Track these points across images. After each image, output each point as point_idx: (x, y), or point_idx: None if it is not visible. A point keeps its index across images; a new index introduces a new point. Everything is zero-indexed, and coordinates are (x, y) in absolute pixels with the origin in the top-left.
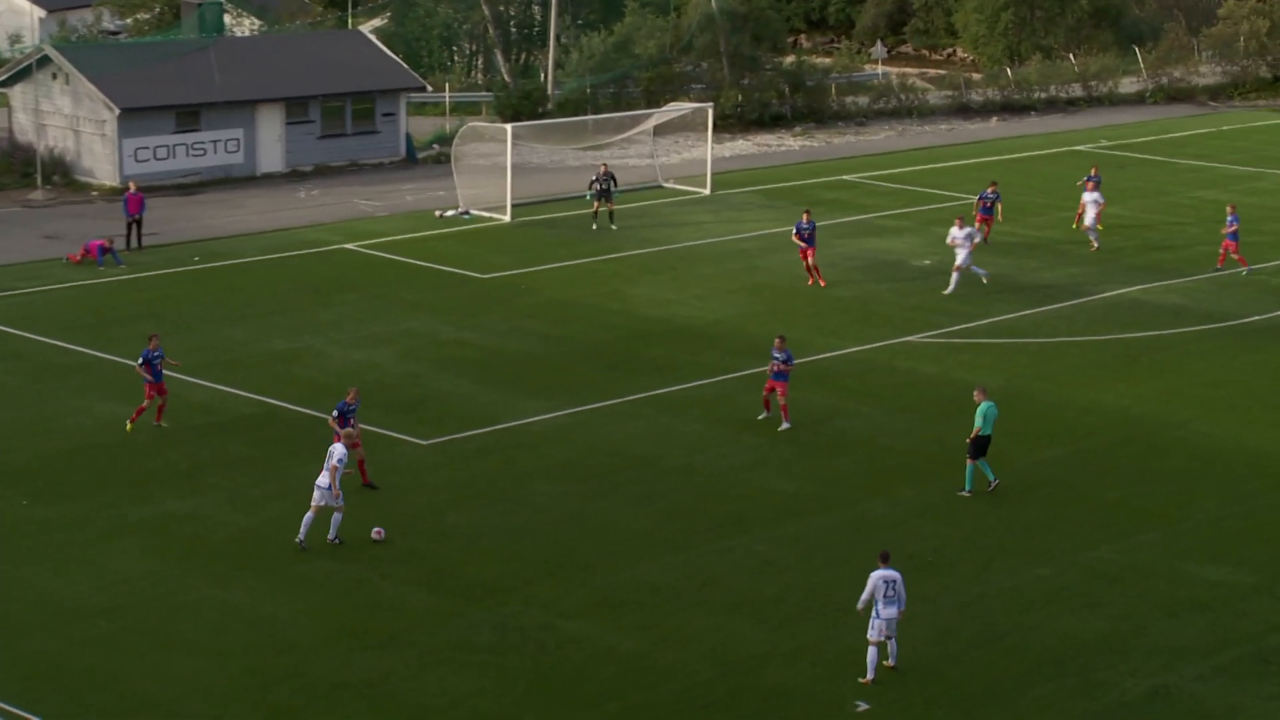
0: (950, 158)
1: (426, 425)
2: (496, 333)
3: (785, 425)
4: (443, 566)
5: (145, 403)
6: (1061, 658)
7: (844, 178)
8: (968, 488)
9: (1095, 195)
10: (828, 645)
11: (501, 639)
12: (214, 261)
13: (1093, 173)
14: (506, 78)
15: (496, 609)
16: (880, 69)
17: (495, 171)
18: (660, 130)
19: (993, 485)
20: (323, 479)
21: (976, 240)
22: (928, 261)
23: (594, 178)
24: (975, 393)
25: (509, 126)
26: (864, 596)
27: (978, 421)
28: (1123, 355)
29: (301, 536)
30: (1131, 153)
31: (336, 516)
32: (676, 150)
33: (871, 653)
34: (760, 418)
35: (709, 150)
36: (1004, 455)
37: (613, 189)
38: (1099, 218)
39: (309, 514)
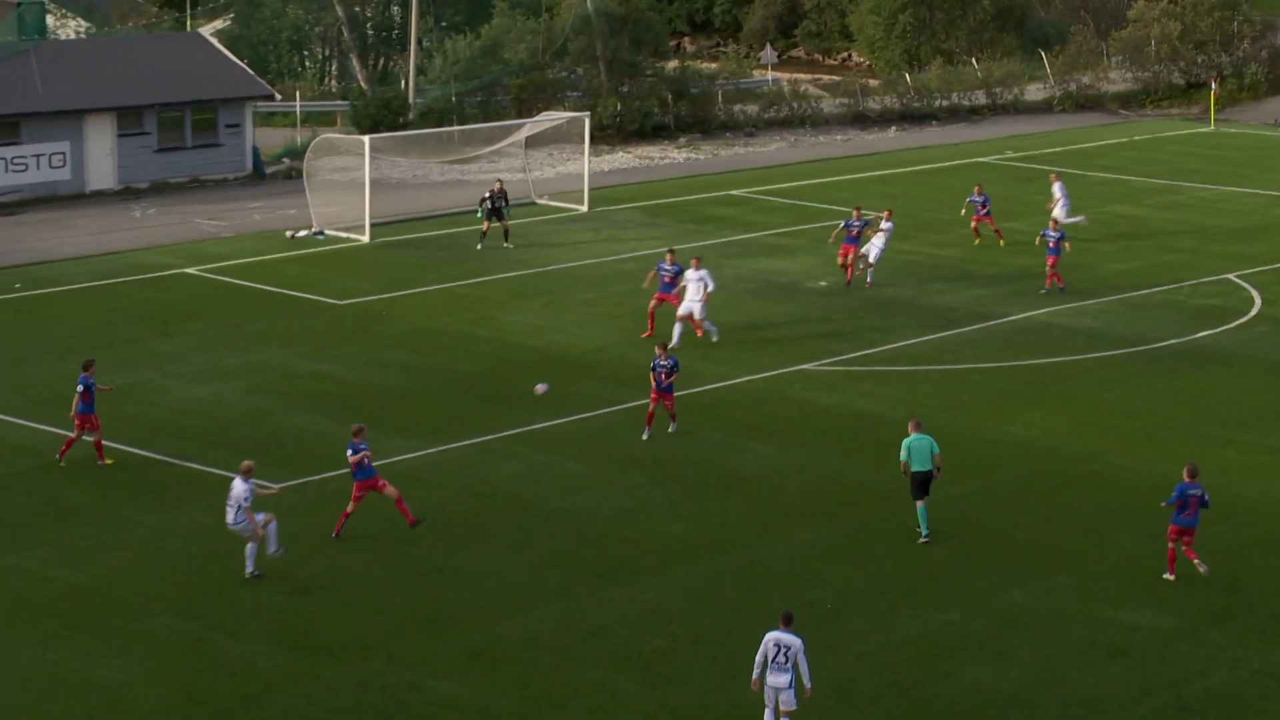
0: (847, 170)
1: (278, 466)
2: (355, 364)
3: (673, 427)
4: (297, 622)
5: (75, 434)
6: (972, 710)
7: (732, 193)
8: (923, 532)
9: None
10: (719, 702)
11: (362, 700)
12: (38, 289)
13: (976, 193)
14: (363, 85)
15: (357, 668)
16: (770, 75)
17: (352, 188)
18: (533, 142)
19: (922, 538)
20: (229, 515)
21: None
22: (824, 283)
23: (486, 195)
24: (910, 424)
25: (366, 138)
26: (757, 658)
27: (903, 455)
28: (1032, 383)
29: (250, 568)
30: (1039, 165)
31: (251, 548)
32: (550, 164)
33: (766, 715)
34: (645, 436)
35: (586, 163)
36: (907, 492)
37: (505, 207)
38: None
39: (250, 545)
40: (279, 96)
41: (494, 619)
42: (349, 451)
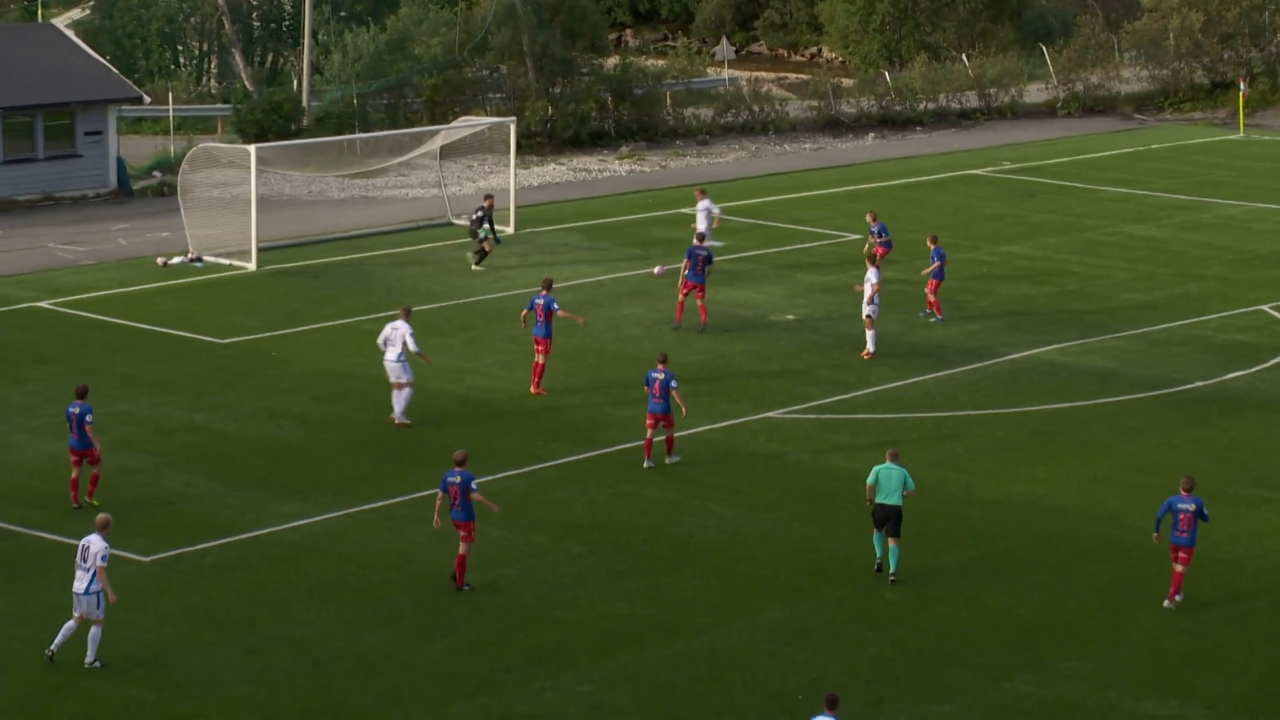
0: (817, 185)
1: (147, 537)
2: (240, 415)
3: (674, 459)
4: None
5: (76, 472)
6: None
7: (684, 211)
8: (891, 569)
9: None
10: None
11: None
12: None
13: (870, 221)
14: (248, 85)
15: None
16: (727, 73)
17: (235, 206)
18: (449, 152)
19: (890, 577)
20: (81, 583)
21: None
22: (791, 316)
23: (479, 212)
24: (887, 453)
25: (252, 148)
26: None
27: (870, 479)
28: (1037, 433)
29: (54, 647)
30: (1041, 178)
31: (95, 631)
32: (470, 177)
33: None
34: (646, 466)
35: (512, 177)
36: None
37: (490, 228)
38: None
39: (70, 623)
40: (148, 99)
41: (404, 716)
42: (454, 480)
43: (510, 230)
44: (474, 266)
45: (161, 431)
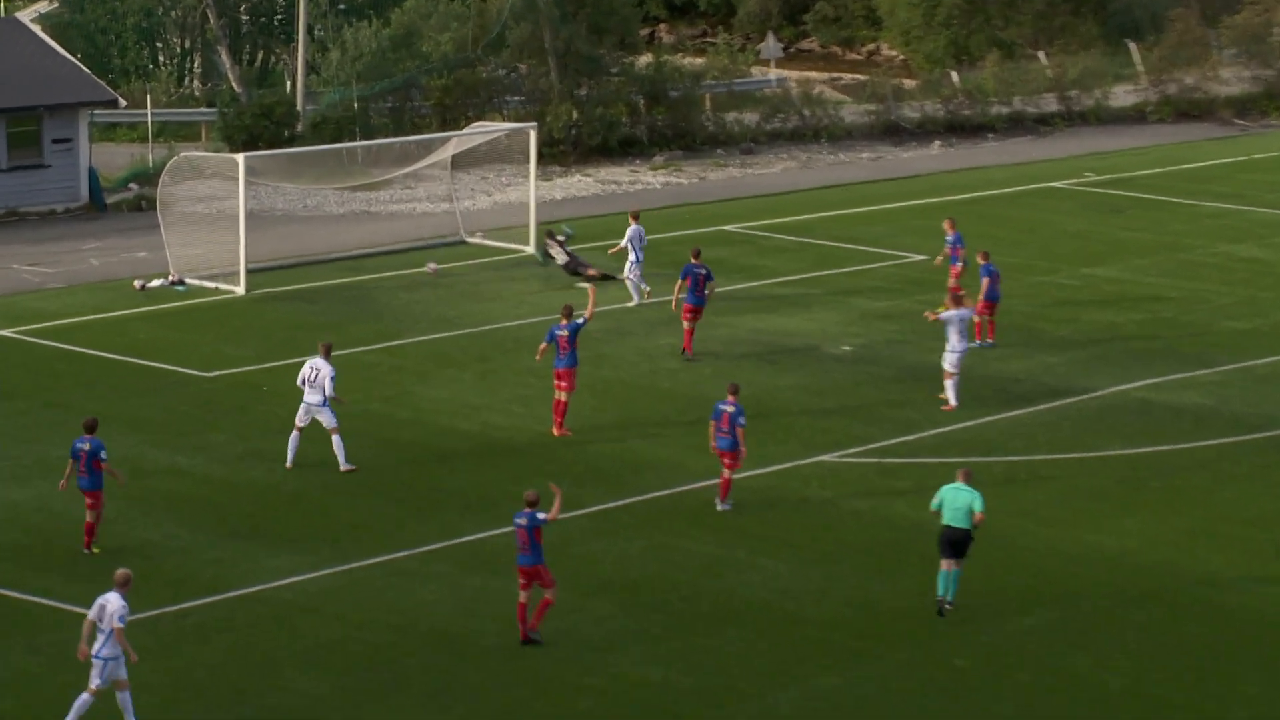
0: (876, 199)
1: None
2: (228, 457)
3: (723, 505)
4: None
5: (90, 515)
6: None
7: (725, 228)
8: (942, 594)
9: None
10: None
11: None
12: None
13: (947, 229)
14: (236, 87)
15: None
16: (774, 74)
17: (222, 222)
18: (461, 162)
19: (944, 605)
20: (99, 646)
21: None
22: (847, 347)
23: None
24: (958, 473)
25: (241, 157)
26: None
27: (934, 504)
28: (1126, 480)
29: None
30: (1129, 191)
31: (124, 698)
32: (485, 190)
33: None
34: (720, 508)
35: (532, 190)
36: (966, 623)
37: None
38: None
39: (84, 696)
40: (124, 102)
41: None
42: (521, 523)
43: (530, 249)
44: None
45: (138, 475)
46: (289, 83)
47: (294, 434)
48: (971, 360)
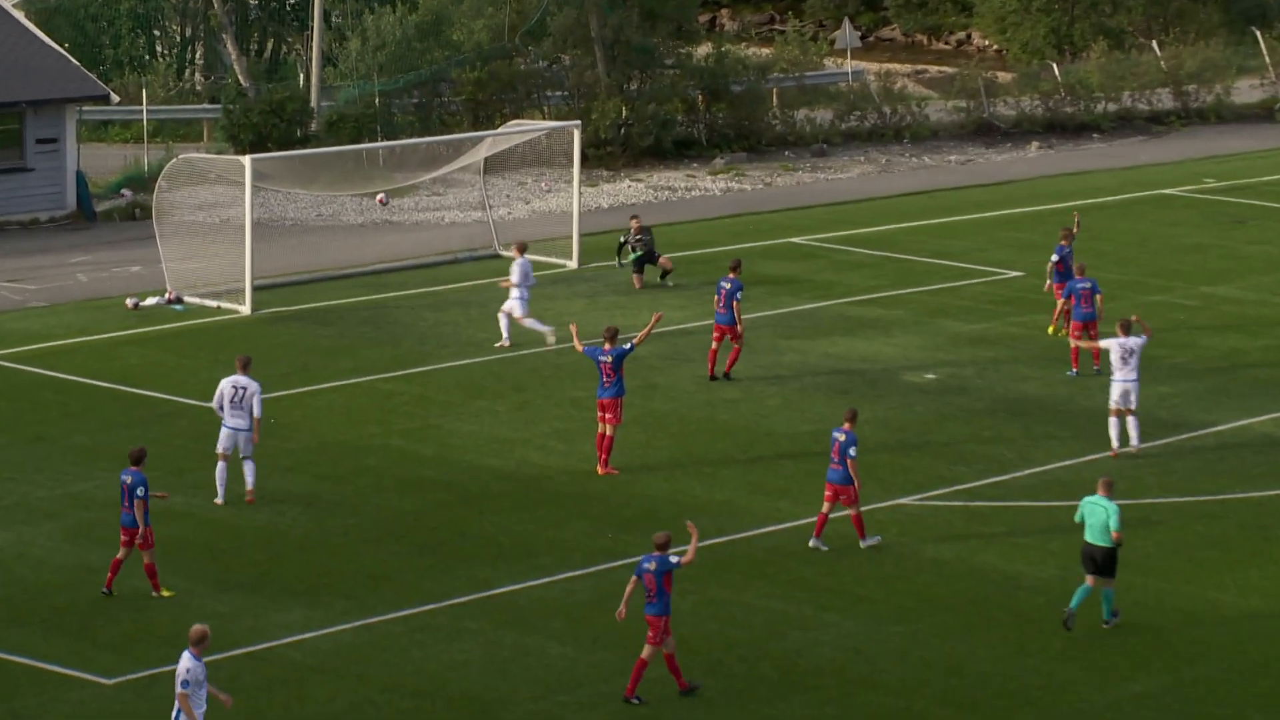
0: (965, 207)
1: (112, 651)
2: (229, 497)
3: (870, 541)
4: None
5: (123, 553)
6: None
7: (794, 240)
8: (1073, 608)
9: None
10: None
11: None
12: None
13: (1063, 239)
14: (243, 81)
15: None
16: (850, 66)
17: (226, 233)
18: (496, 166)
19: (1110, 622)
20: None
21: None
22: (931, 375)
23: (624, 240)
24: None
25: (247, 160)
26: None
27: (1076, 516)
28: (1250, 526)
29: None
30: (1255, 199)
31: None
32: (522, 197)
33: None
34: (815, 546)
35: (576, 197)
36: (1065, 689)
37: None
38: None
39: None
40: (117, 98)
41: None
42: (648, 566)
43: (573, 264)
44: (667, 283)
45: None
46: (302, 76)
47: (220, 465)
48: (1070, 389)
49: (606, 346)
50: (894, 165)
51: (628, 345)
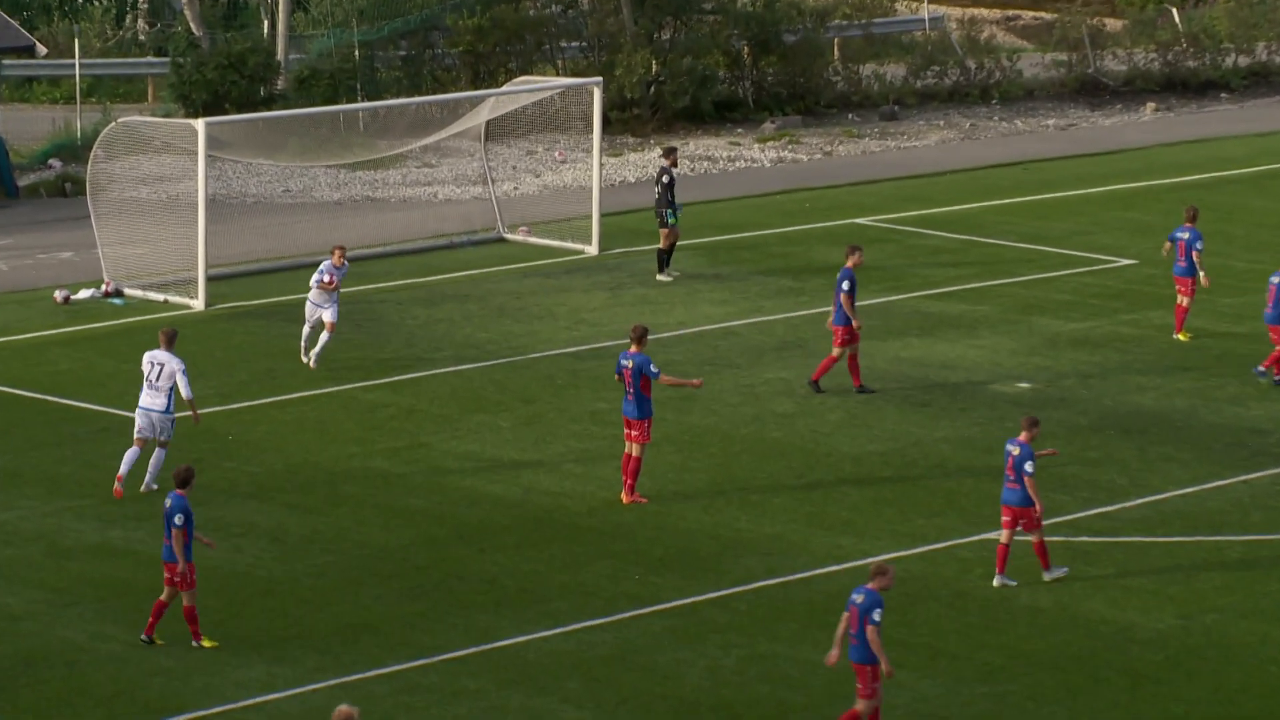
0: (1067, 182)
1: (35, 715)
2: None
3: (1056, 573)
4: None
5: (166, 592)
6: None
7: (859, 221)
8: None
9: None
10: None
11: None
12: None
13: (1188, 221)
14: (195, 29)
15: None
16: (927, 11)
17: (175, 213)
18: (501, 131)
19: None
20: None
21: None
22: (1025, 384)
23: (662, 178)
24: None
25: (201, 124)
26: None
27: None
28: None
29: None
30: None
31: None
32: (532, 169)
33: None
34: (1003, 584)
35: (596, 169)
36: None
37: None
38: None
39: None
40: (44, 50)
41: None
42: (857, 600)
43: (593, 249)
44: (659, 277)
45: (57, 554)
46: (266, 23)
47: (132, 450)
48: (1193, 402)
49: (632, 349)
50: (979, 131)
51: (654, 370)
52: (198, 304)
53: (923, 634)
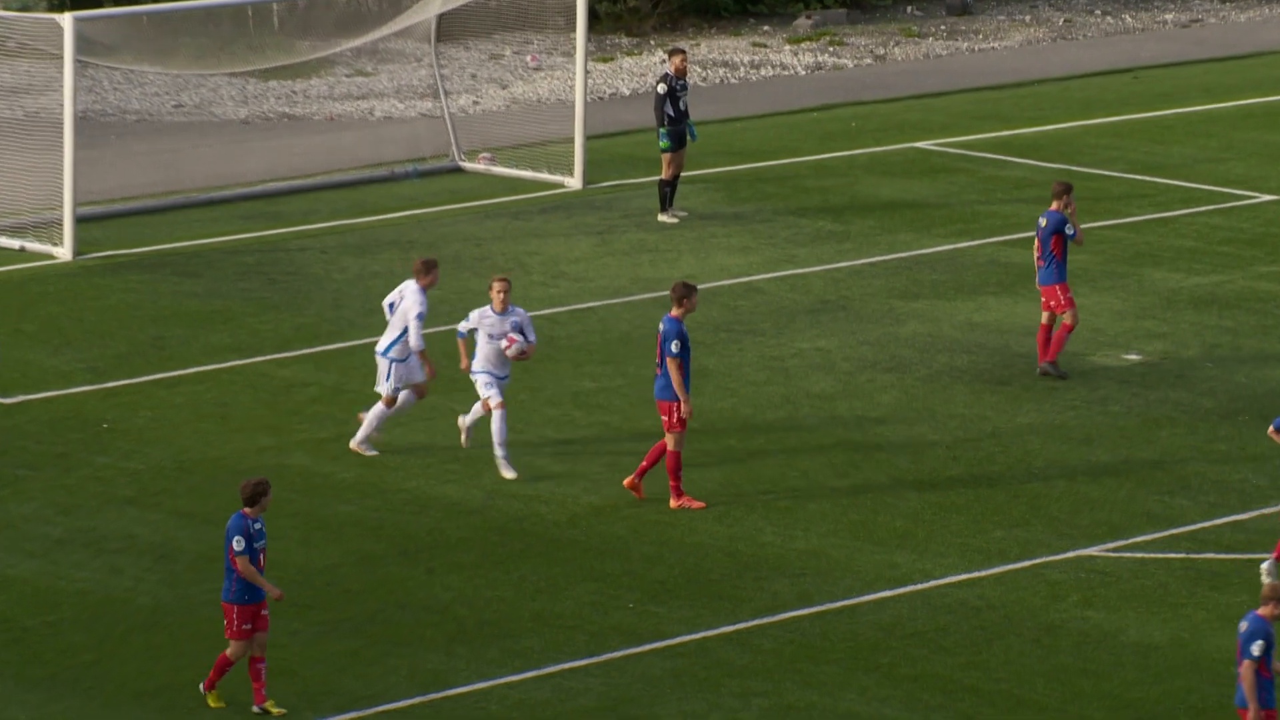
0: (1189, 96)
1: None
2: (41, 545)
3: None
4: None
5: (234, 647)
6: None
7: (919, 145)
8: None
9: None
10: None
11: None
12: None
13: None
14: None
15: None
16: None
17: (34, 136)
18: (455, 30)
19: None
20: None
21: None
22: (1135, 356)
23: (662, 85)
24: None
25: (68, 19)
26: None
27: None
28: None
29: None
30: None
31: None
32: (498, 79)
33: None
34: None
35: (579, 78)
36: None
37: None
38: None
39: None
40: None
41: None
42: (1249, 634)
43: (576, 183)
44: (661, 217)
45: None
46: None
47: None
48: None
49: (673, 312)
50: (1076, 28)
51: (675, 348)
52: (63, 252)
53: (1002, 679)
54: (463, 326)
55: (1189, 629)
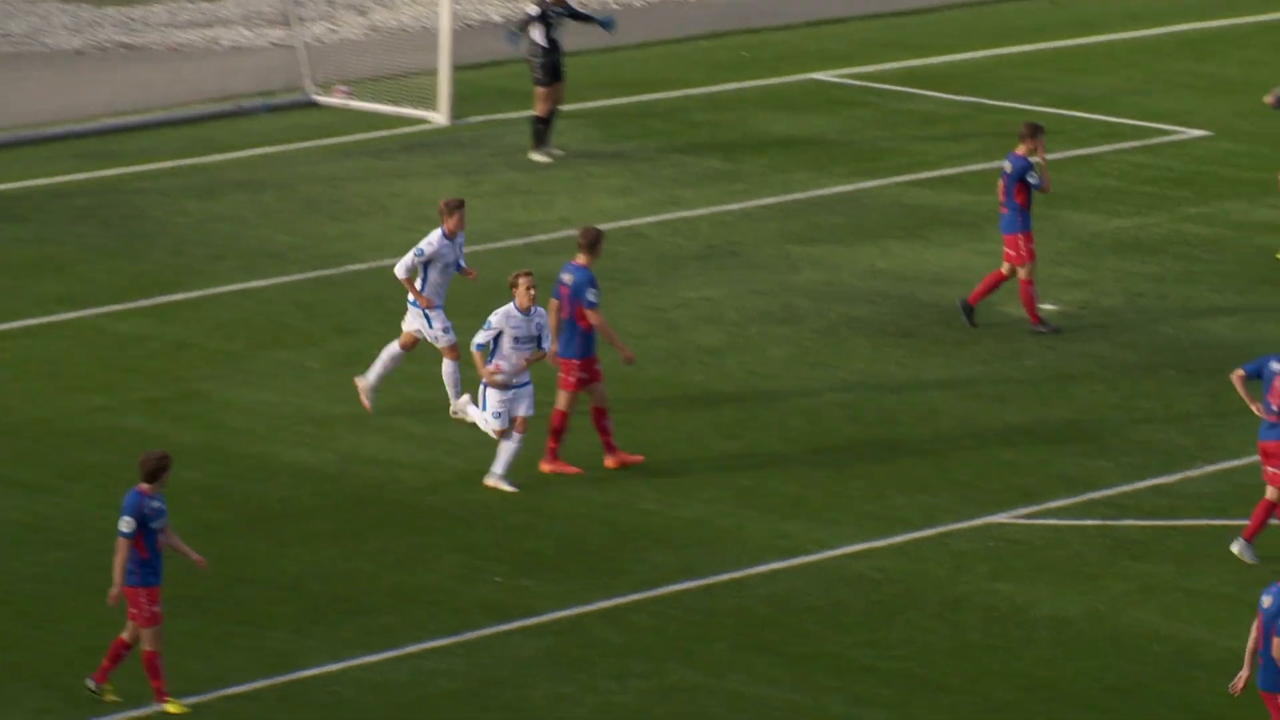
0: (1112, 22)
1: None
2: None
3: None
4: None
5: (149, 635)
6: None
7: (819, 77)
8: None
9: None
10: None
11: None
12: None
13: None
14: None
15: None
16: None
17: None
18: None
19: None
20: None
21: None
22: (1052, 305)
23: (532, 12)
24: None
25: None
26: None
27: None
28: None
29: None
30: None
31: None
32: (356, 4)
33: None
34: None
35: (446, 4)
36: None
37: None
38: None
39: None
40: None
41: None
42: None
43: (442, 119)
44: (534, 155)
45: None
46: None
47: None
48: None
49: (578, 259)
50: None
51: (592, 298)
52: None
53: (903, 658)
54: (482, 338)
55: (1106, 602)
